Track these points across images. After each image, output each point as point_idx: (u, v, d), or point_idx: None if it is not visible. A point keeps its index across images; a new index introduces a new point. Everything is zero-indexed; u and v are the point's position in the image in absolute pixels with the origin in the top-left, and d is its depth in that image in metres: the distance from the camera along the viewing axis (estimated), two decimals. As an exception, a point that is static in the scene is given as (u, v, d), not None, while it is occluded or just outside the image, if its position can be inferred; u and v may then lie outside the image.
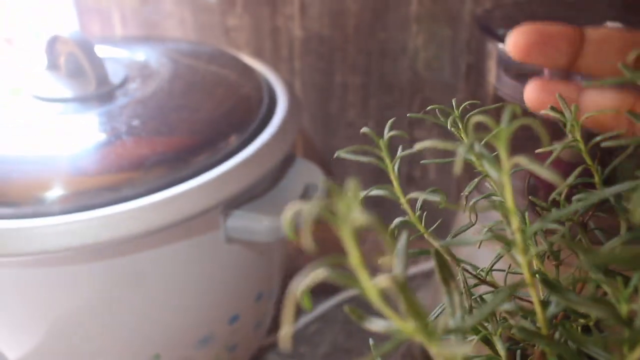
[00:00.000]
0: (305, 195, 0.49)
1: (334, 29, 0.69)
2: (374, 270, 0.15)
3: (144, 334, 0.47)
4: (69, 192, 0.41)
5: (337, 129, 0.74)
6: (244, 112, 0.51)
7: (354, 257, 0.15)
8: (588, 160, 0.26)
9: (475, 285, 0.29)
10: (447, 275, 0.20)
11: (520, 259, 0.19)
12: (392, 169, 0.25)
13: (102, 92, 0.49)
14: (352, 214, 0.14)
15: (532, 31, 0.27)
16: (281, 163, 0.50)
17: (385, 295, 0.16)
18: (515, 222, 0.19)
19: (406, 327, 0.15)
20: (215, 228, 0.45)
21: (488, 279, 0.29)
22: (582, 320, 0.26)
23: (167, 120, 0.46)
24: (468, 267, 0.28)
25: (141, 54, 0.56)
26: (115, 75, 0.51)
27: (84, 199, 0.41)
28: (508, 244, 0.20)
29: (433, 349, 0.16)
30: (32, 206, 0.40)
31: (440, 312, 0.27)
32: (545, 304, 0.23)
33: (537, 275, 0.27)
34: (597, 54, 0.27)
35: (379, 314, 0.17)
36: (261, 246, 0.50)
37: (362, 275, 0.15)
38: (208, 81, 0.53)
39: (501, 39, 0.47)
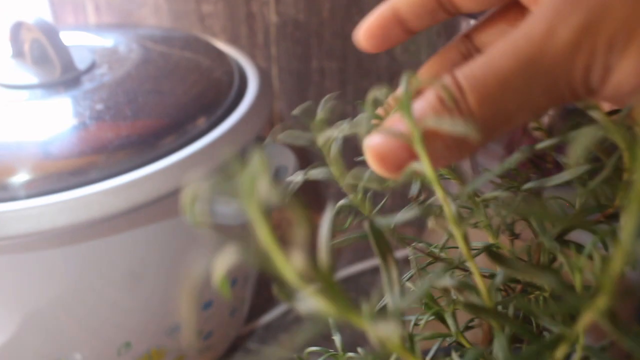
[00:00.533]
0: (277, 177, 0.49)
1: (310, 14, 0.68)
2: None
3: (114, 321, 0.47)
4: (33, 177, 0.40)
5: (315, 114, 0.73)
6: (213, 95, 0.50)
7: (263, 234, 0.14)
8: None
9: (430, 263, 0.28)
10: (384, 249, 0.19)
11: (454, 230, 0.19)
12: (328, 151, 0.24)
13: (67, 78, 0.48)
14: (258, 188, 0.14)
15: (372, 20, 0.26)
16: (251, 146, 0.49)
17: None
18: (439, 191, 0.18)
19: (332, 308, 0.15)
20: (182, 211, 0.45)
21: (443, 255, 0.28)
22: (537, 292, 0.26)
23: (133, 104, 0.46)
24: (421, 246, 0.28)
25: (110, 41, 0.55)
26: (81, 61, 0.50)
27: (48, 183, 0.40)
28: (435, 215, 0.19)
29: (368, 330, 0.15)
30: (-5, 192, 0.40)
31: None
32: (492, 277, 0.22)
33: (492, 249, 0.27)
34: None
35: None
36: (232, 230, 0.49)
37: (275, 254, 0.14)
38: (178, 66, 0.52)
39: (475, 19, 0.46)
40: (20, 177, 0.40)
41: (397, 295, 0.18)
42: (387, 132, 0.19)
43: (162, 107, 0.46)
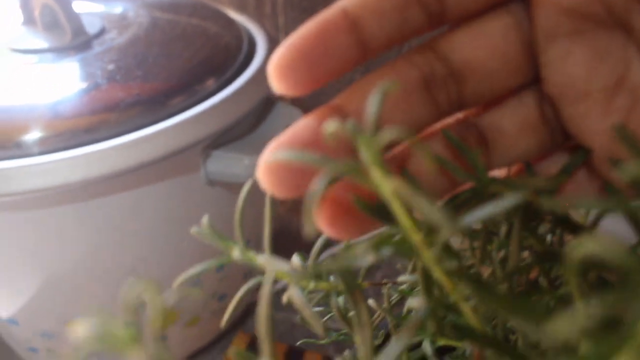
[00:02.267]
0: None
1: (316, -18, 0.68)
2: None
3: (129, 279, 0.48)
4: (46, 134, 0.41)
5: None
6: (222, 58, 0.50)
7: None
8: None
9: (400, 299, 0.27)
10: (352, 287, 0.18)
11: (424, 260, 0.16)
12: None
13: (78, 42, 0.49)
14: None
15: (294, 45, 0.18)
16: (261, 107, 0.50)
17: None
18: (416, 238, 0.16)
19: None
20: (195, 170, 0.46)
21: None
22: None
23: (143, 66, 0.46)
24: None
25: (119, 8, 0.55)
26: (91, 26, 0.51)
27: (61, 140, 0.41)
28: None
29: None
30: (10, 149, 0.41)
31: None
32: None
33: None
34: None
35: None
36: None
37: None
38: (187, 31, 0.53)
39: None
40: (36, 135, 0.41)
41: (367, 340, 0.17)
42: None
43: (171, 68, 0.47)
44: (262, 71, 0.50)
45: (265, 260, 0.23)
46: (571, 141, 0.22)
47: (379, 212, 0.17)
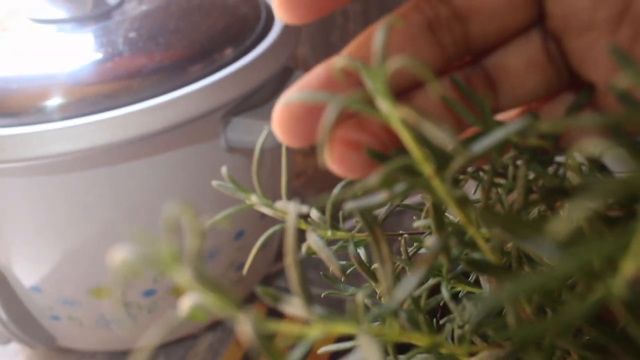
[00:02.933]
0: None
1: (332, -44, 0.68)
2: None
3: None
4: (69, 100, 0.41)
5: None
6: (240, 28, 0.51)
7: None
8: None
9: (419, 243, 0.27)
10: (370, 223, 0.18)
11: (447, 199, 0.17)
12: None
13: (98, 12, 0.49)
14: None
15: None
16: (280, 76, 0.50)
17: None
18: (427, 168, 0.16)
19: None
20: (215, 136, 0.46)
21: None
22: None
23: (163, 34, 0.47)
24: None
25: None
26: (111, -3, 0.51)
27: (83, 106, 0.41)
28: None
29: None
30: (34, 115, 0.41)
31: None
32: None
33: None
34: None
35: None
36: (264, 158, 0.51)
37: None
38: (205, 1, 0.53)
39: None
40: (59, 101, 0.41)
41: (389, 274, 0.18)
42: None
43: (190, 37, 0.47)
44: (280, 41, 0.50)
45: (282, 205, 0.23)
46: (576, 80, 0.22)
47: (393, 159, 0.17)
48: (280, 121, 0.19)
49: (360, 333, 0.14)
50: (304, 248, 0.24)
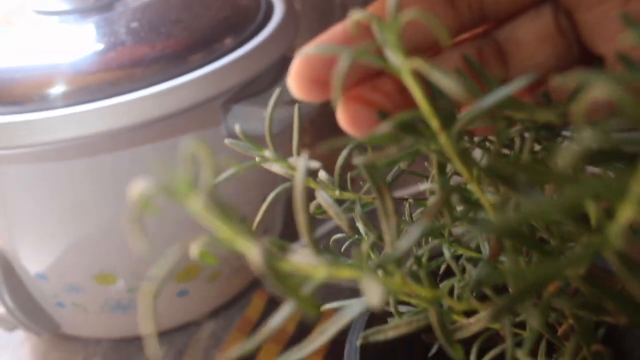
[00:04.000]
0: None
1: (331, -52, 0.69)
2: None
3: (153, 231, 0.49)
4: (72, 88, 0.42)
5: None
6: (241, 18, 0.51)
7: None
8: None
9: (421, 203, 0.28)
10: (378, 181, 0.19)
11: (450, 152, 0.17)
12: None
13: (101, 3, 0.50)
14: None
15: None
16: (279, 64, 0.51)
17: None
18: (434, 122, 0.17)
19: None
20: (216, 124, 0.47)
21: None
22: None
23: (164, 24, 0.47)
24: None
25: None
26: (113, -12, 0.52)
27: (86, 94, 0.42)
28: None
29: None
30: (38, 102, 0.42)
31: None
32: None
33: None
34: None
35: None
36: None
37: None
38: (205, -7, 0.54)
39: None
40: (64, 88, 0.42)
41: (393, 228, 0.18)
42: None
43: (191, 26, 0.48)
44: (279, 30, 0.51)
45: (294, 160, 0.24)
46: (586, 54, 0.23)
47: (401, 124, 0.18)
48: (296, 74, 0.19)
49: (363, 277, 0.15)
50: (312, 207, 0.25)
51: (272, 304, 0.63)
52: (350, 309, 0.16)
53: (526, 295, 0.16)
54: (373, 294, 0.13)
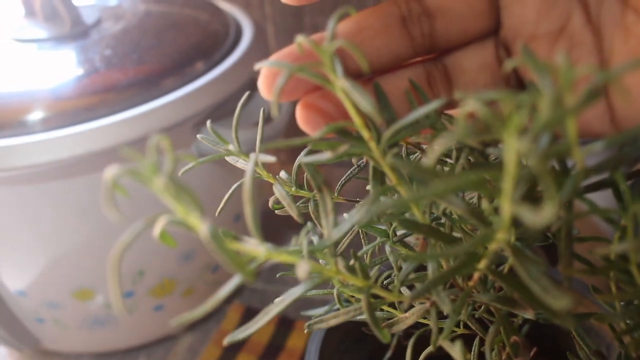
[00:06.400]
0: (270, 116, 0.53)
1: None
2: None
3: (127, 250, 0.51)
4: (50, 114, 0.45)
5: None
6: (210, 43, 0.54)
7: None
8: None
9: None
10: (318, 180, 0.21)
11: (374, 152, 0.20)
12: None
13: (76, 31, 0.53)
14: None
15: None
16: (249, 87, 0.53)
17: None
18: (364, 132, 0.20)
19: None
20: (187, 145, 0.49)
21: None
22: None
23: (137, 51, 0.50)
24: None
25: (115, 0, 0.59)
26: (89, 17, 0.55)
27: (63, 119, 0.45)
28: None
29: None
30: (18, 128, 0.44)
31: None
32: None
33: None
34: None
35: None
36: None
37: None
38: (178, 20, 0.56)
39: None
40: (40, 115, 0.45)
41: (330, 223, 0.21)
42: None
43: (163, 52, 0.51)
44: (247, 55, 0.54)
45: (252, 156, 0.26)
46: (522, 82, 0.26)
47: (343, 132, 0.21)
48: (264, 79, 0.23)
49: (300, 260, 0.17)
50: (270, 202, 0.28)
51: (248, 317, 0.65)
52: (292, 292, 0.19)
53: (438, 281, 0.18)
54: (301, 271, 0.16)
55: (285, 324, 0.63)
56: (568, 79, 0.15)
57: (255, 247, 0.17)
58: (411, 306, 0.23)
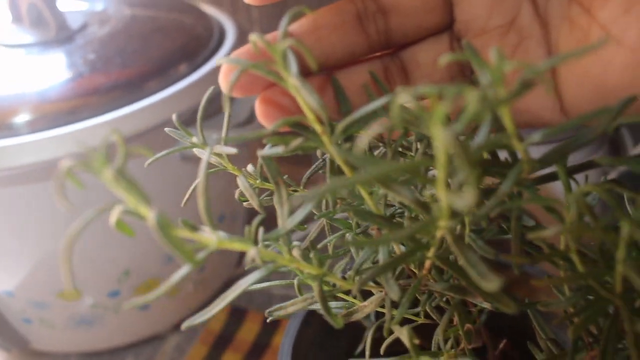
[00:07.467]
0: (253, 116, 0.54)
1: (286, -22, 0.73)
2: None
3: (113, 250, 0.52)
4: (36, 116, 0.46)
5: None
6: (194, 46, 0.55)
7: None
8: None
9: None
10: (274, 173, 0.22)
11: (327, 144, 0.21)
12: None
13: (62, 36, 0.54)
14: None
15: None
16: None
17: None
18: (317, 126, 0.21)
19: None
20: (171, 145, 0.50)
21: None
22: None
23: (122, 54, 0.51)
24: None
25: (100, 5, 0.60)
26: (74, 22, 0.56)
27: (50, 121, 0.46)
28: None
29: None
30: (4, 130, 0.45)
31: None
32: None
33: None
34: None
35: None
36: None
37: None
38: (162, 24, 0.58)
39: None
40: (26, 117, 0.46)
41: (285, 214, 0.21)
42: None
43: (147, 56, 0.52)
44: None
45: (208, 148, 0.27)
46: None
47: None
48: (223, 75, 0.24)
49: (252, 249, 0.18)
50: (236, 194, 0.29)
51: (234, 316, 0.66)
52: (247, 279, 0.20)
53: (387, 267, 0.19)
54: (249, 257, 0.17)
55: (271, 322, 0.64)
56: (499, 72, 0.16)
57: (207, 235, 0.18)
58: (371, 295, 0.24)
